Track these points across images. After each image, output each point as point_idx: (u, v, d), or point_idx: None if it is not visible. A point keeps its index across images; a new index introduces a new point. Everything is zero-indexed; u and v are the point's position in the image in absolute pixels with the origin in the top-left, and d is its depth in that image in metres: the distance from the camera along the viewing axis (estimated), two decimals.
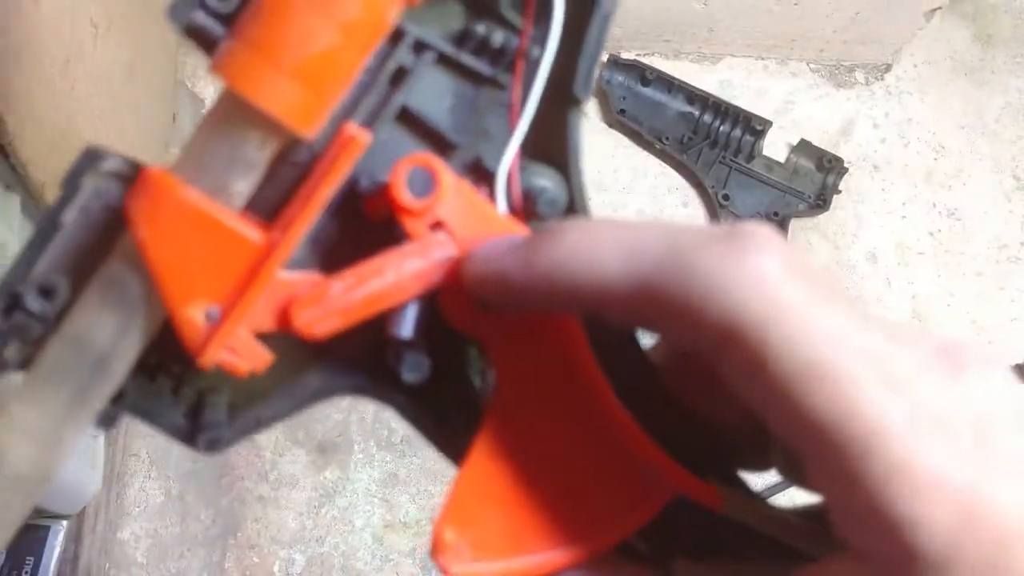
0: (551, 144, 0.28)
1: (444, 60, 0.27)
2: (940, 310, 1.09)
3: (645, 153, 1.13)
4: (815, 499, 0.24)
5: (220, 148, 0.24)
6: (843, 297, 0.21)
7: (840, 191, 1.11)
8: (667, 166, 1.13)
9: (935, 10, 1.07)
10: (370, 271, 0.25)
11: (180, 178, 0.24)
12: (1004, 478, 0.20)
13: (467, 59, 0.27)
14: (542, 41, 0.26)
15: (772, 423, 0.22)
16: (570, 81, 0.27)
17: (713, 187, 1.09)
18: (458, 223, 0.25)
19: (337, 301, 0.25)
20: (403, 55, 0.26)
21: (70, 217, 0.25)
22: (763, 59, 1.18)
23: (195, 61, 1.10)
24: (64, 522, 0.78)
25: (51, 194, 0.62)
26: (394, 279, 0.25)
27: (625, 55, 1.15)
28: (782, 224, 1.08)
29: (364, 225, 0.27)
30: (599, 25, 0.26)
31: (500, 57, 0.27)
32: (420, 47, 0.27)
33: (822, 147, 1.11)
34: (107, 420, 0.27)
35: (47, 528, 0.77)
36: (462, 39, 0.27)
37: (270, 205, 0.26)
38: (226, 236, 0.24)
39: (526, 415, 0.26)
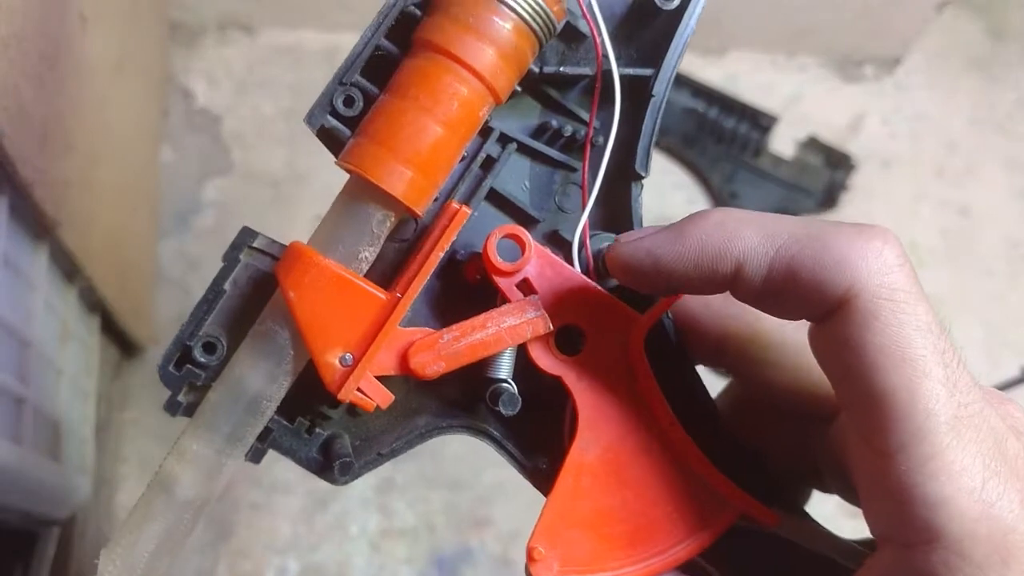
0: (616, 213, 0.33)
1: (524, 149, 0.34)
2: (951, 309, 1.07)
3: None
4: (868, 535, 0.28)
5: (351, 223, 0.30)
6: (929, 300, 0.26)
7: (849, 188, 1.09)
8: (672, 162, 1.11)
9: (945, 3, 1.05)
10: (474, 325, 0.31)
11: (318, 249, 0.30)
12: (1010, 480, 0.25)
13: (543, 148, 0.33)
14: (605, 130, 0.33)
15: (845, 390, 0.26)
16: (631, 161, 0.33)
17: (719, 184, 1.07)
18: (541, 281, 0.31)
19: (446, 348, 0.30)
20: (491, 147, 0.33)
21: (228, 285, 0.31)
22: (770, 53, 1.16)
23: (185, 55, 1.08)
24: (54, 528, 0.76)
25: (39, 193, 0.60)
26: (494, 332, 0.31)
27: None
28: None
29: (462, 287, 0.33)
30: (653, 114, 0.32)
31: (571, 145, 0.33)
32: (505, 139, 0.33)
33: (830, 143, 1.10)
34: (256, 455, 0.33)
35: (36, 534, 0.75)
36: (539, 131, 0.34)
37: (380, 274, 0.32)
38: (358, 295, 0.30)
39: (603, 445, 0.31)
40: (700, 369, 0.34)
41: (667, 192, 1.10)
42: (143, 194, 0.96)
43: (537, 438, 0.34)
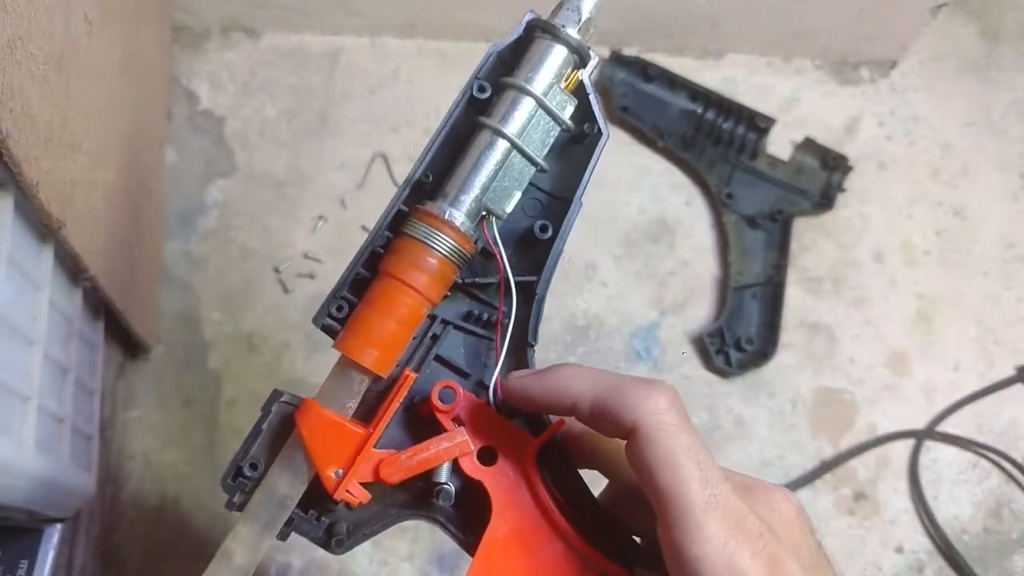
0: (520, 367, 0.49)
1: (459, 328, 0.50)
2: (946, 310, 1.08)
3: (647, 151, 1.12)
4: None
5: (340, 385, 0.46)
6: (695, 430, 0.40)
7: (845, 190, 1.10)
8: (670, 164, 1.12)
9: (941, 6, 1.06)
10: (422, 448, 0.46)
11: (321, 403, 0.45)
12: (745, 542, 0.38)
13: (471, 327, 0.50)
14: (509, 315, 0.48)
15: (643, 486, 0.40)
16: (526, 334, 0.49)
17: (716, 185, 1.08)
18: (468, 415, 0.47)
19: (403, 463, 0.45)
20: (436, 327, 0.49)
21: (265, 426, 0.47)
22: (767, 56, 1.16)
23: (189, 58, 1.09)
24: (58, 525, 0.77)
25: (44, 193, 0.61)
26: (434, 451, 0.46)
27: (627, 51, 1.13)
28: (786, 223, 1.07)
29: (419, 420, 0.48)
30: (537, 306, 0.49)
31: (489, 324, 0.50)
32: (445, 322, 0.49)
33: (826, 145, 1.10)
34: (283, 535, 0.47)
35: (41, 531, 0.76)
36: (467, 315, 0.50)
37: (365, 410, 0.47)
38: (344, 432, 0.45)
39: (509, 527, 0.46)
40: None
41: (665, 193, 1.10)
42: (147, 195, 0.96)
43: (468, 521, 0.48)
